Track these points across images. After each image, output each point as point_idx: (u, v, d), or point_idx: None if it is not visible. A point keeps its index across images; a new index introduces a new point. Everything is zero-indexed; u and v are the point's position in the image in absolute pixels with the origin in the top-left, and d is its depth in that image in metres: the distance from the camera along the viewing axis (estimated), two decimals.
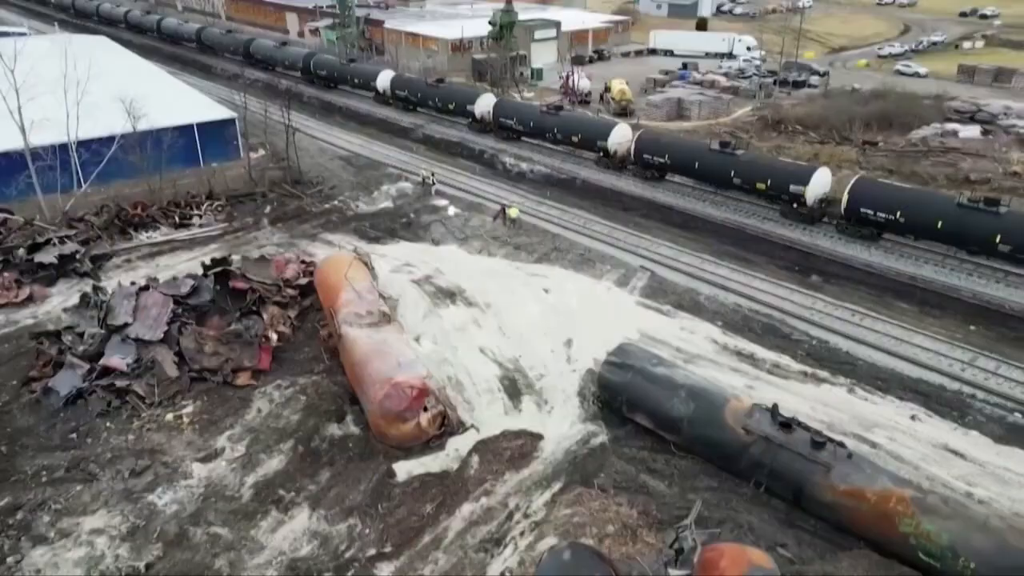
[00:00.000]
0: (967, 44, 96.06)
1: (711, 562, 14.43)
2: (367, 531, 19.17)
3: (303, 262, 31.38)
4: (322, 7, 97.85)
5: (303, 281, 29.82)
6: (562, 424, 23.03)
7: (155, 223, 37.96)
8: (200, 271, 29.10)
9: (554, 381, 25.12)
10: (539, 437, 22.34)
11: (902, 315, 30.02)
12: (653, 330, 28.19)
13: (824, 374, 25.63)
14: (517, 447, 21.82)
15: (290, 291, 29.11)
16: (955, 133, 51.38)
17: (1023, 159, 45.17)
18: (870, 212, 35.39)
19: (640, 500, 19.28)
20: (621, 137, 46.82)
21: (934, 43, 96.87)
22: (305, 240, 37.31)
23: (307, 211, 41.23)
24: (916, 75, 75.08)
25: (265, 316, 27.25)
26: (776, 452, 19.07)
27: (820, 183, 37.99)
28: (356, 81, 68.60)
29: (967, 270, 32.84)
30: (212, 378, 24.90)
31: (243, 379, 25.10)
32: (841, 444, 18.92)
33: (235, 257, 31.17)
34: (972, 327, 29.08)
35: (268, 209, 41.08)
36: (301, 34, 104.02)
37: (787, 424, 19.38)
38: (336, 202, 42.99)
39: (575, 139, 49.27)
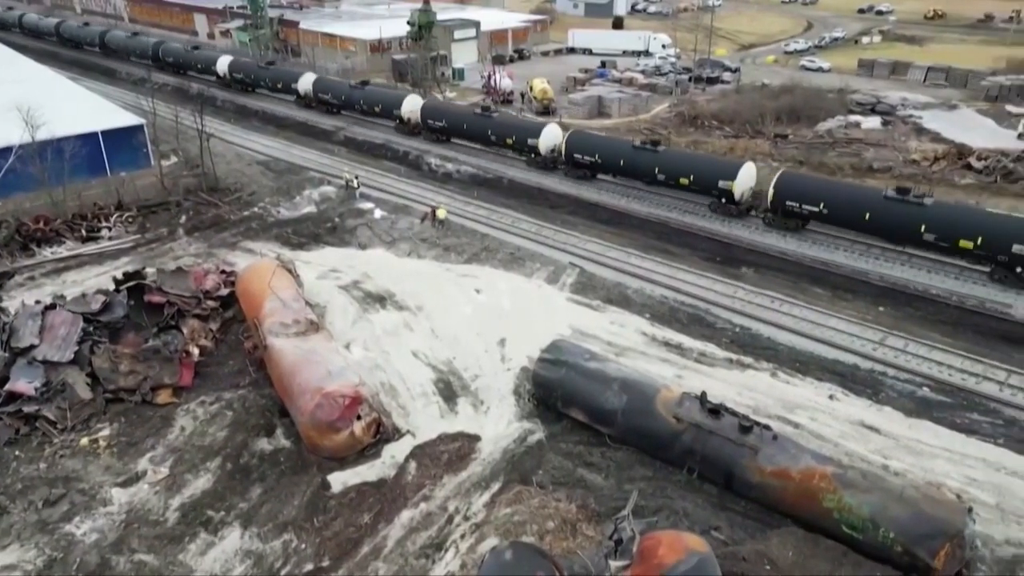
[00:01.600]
0: (865, 39, 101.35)
1: (649, 550, 14.72)
2: (303, 546, 18.69)
3: (223, 272, 30.29)
4: (232, 7, 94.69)
5: (224, 292, 28.81)
6: (499, 424, 23.06)
7: (60, 237, 35.93)
8: (112, 286, 27.75)
9: (489, 381, 25.11)
10: (476, 438, 22.30)
11: (817, 300, 31.43)
12: (584, 325, 28.55)
13: (748, 360, 26.55)
14: (454, 450, 21.71)
15: (211, 303, 28.07)
16: (858, 124, 54.22)
17: (921, 148, 48.04)
18: (795, 204, 36.58)
19: (578, 494, 19.50)
20: (552, 138, 47.01)
21: (835, 39, 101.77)
22: (224, 249, 36.03)
23: (225, 219, 39.81)
24: (820, 70, 78.69)
25: (185, 330, 26.21)
26: (706, 438, 19.62)
27: (746, 178, 39.24)
28: (278, 85, 66.52)
29: (874, 255, 34.65)
30: (130, 398, 23.77)
31: (164, 397, 24.07)
32: (767, 427, 19.64)
33: (150, 270, 29.86)
34: (881, 308, 30.71)
35: (183, 218, 39.45)
36: (211, 36, 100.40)
37: (715, 410, 19.98)
38: (256, 209, 41.69)
39: (508, 140, 48.82)
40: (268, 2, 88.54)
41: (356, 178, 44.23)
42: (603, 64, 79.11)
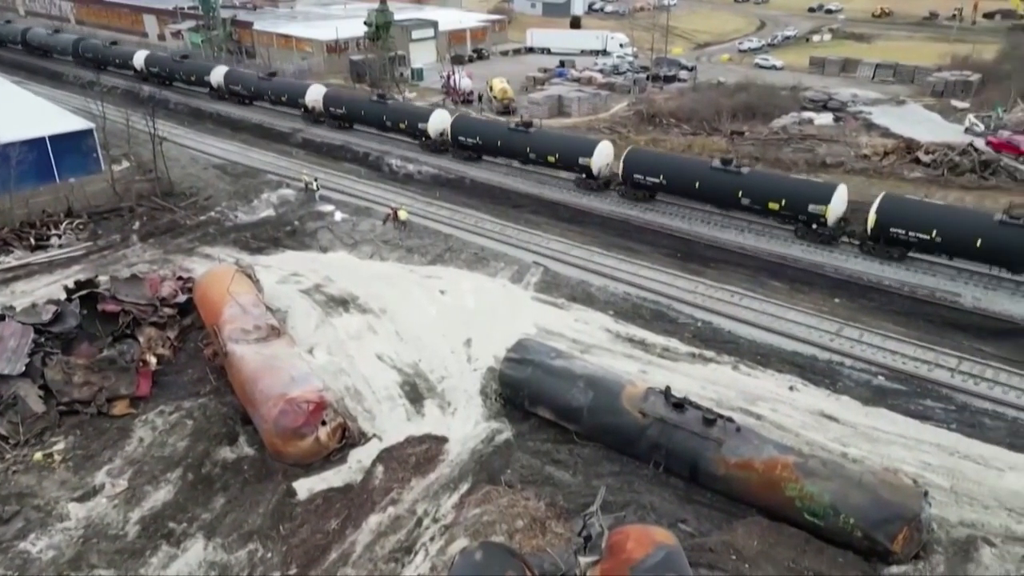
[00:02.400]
0: (816, 38, 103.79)
1: (618, 545, 14.83)
2: (269, 555, 18.39)
3: (180, 278, 29.63)
4: (183, 8, 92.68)
5: (181, 299, 28.17)
6: (466, 424, 23.00)
7: (7, 246, 34.79)
8: (63, 295, 26.90)
9: (456, 382, 25.04)
10: (444, 440, 22.21)
11: (775, 293, 32.06)
12: (549, 324, 28.66)
13: (710, 354, 26.95)
14: (422, 452, 21.59)
15: (168, 310, 27.42)
16: (811, 121, 55.51)
17: (871, 143, 49.35)
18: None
19: (547, 492, 19.57)
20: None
21: (787, 37, 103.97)
22: (181, 255, 35.24)
23: (181, 224, 38.93)
24: (773, 68, 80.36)
25: (141, 339, 25.57)
26: (671, 432, 19.87)
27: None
28: (283, 99, 61.32)
29: (828, 248, 35.48)
30: (85, 410, 23.10)
31: (121, 408, 23.45)
32: (730, 419, 19.96)
33: (103, 278, 29.06)
34: (836, 300, 31.47)
35: (137, 224, 38.47)
36: (161, 37, 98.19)
37: (680, 404, 20.23)
38: (213, 213, 40.87)
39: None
40: (220, 2, 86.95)
41: (315, 180, 43.67)
42: (562, 64, 79.52)
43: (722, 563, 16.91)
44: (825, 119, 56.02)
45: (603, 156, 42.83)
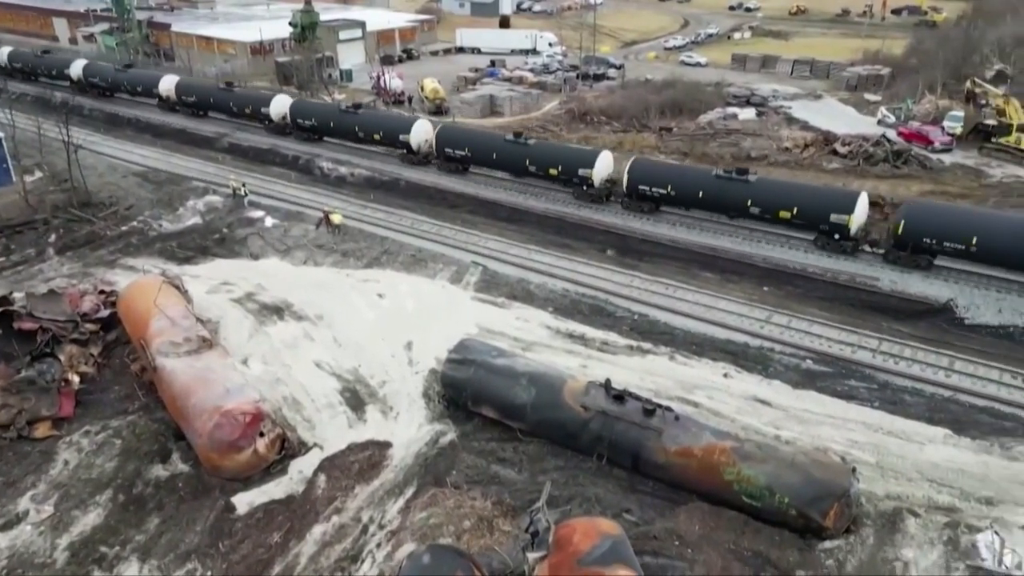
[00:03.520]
0: (737, 35, 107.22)
1: (565, 538, 15.01)
2: (209, 573, 17.86)
3: (102, 292, 28.34)
4: (95, 10, 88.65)
5: (104, 313, 26.94)
6: (409, 428, 22.82)
7: None
8: None
9: (397, 386, 24.80)
10: (387, 445, 21.98)
11: (707, 284, 32.98)
12: (490, 323, 28.70)
13: (647, 345, 27.53)
14: (365, 458, 21.34)
15: (89, 326, 26.18)
16: (735, 116, 57.28)
17: (792, 136, 51.28)
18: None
19: (493, 491, 19.62)
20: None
21: (710, 35, 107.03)
22: (102, 268, 33.72)
23: (101, 235, 37.23)
24: (698, 65, 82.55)
25: (62, 357, 24.36)
26: (613, 424, 20.21)
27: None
28: (246, 111, 56.83)
29: (756, 238, 36.68)
30: (4, 434, 21.87)
31: (42, 430, 22.30)
32: (669, 408, 20.45)
33: (17, 295, 27.49)
34: (765, 288, 32.61)
35: (53, 237, 36.58)
36: (73, 40, 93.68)
37: (620, 396, 20.60)
38: (135, 223, 39.24)
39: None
40: (135, 3, 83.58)
41: (243, 185, 42.48)
42: (493, 63, 79.70)
43: (666, 549, 17.31)
44: (748, 114, 57.92)
45: (604, 167, 40.88)
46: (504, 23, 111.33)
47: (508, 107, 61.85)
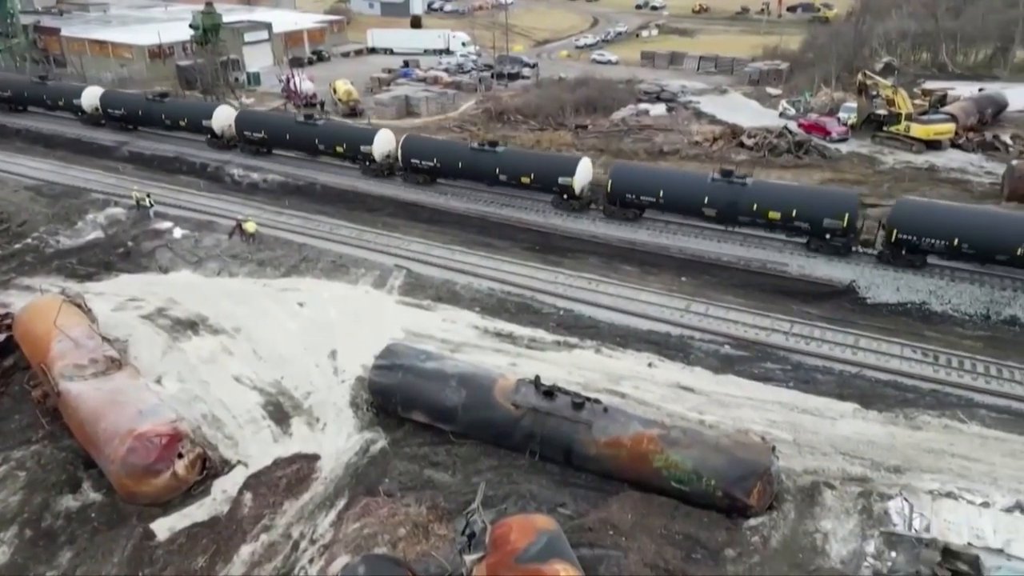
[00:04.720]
0: (645, 33, 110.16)
1: (502, 537, 15.03)
2: None
3: None
4: None
5: (0, 338, 25.14)
6: (338, 438, 22.30)
7: None
8: None
9: (323, 396, 24.20)
10: (315, 457, 21.42)
11: (628, 277, 33.71)
12: (417, 326, 28.40)
13: (574, 340, 27.89)
14: (293, 473, 20.73)
15: None
16: (647, 112, 58.78)
17: (702, 130, 53.07)
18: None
19: (427, 496, 19.43)
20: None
21: (619, 33, 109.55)
22: None
23: None
24: (609, 63, 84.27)
25: None
26: (544, 420, 20.35)
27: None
28: (181, 123, 52.45)
29: (672, 230, 37.74)
30: None
31: None
32: (597, 401, 20.76)
33: None
34: (683, 278, 33.61)
35: None
36: None
37: (550, 392, 20.76)
38: (29, 240, 36.76)
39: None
40: (20, 7, 78.39)
41: (148, 196, 40.46)
42: (406, 64, 78.96)
43: (601, 540, 17.58)
44: (659, 110, 59.54)
45: (584, 174, 39.99)
46: (415, 23, 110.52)
47: (424, 108, 61.41)
